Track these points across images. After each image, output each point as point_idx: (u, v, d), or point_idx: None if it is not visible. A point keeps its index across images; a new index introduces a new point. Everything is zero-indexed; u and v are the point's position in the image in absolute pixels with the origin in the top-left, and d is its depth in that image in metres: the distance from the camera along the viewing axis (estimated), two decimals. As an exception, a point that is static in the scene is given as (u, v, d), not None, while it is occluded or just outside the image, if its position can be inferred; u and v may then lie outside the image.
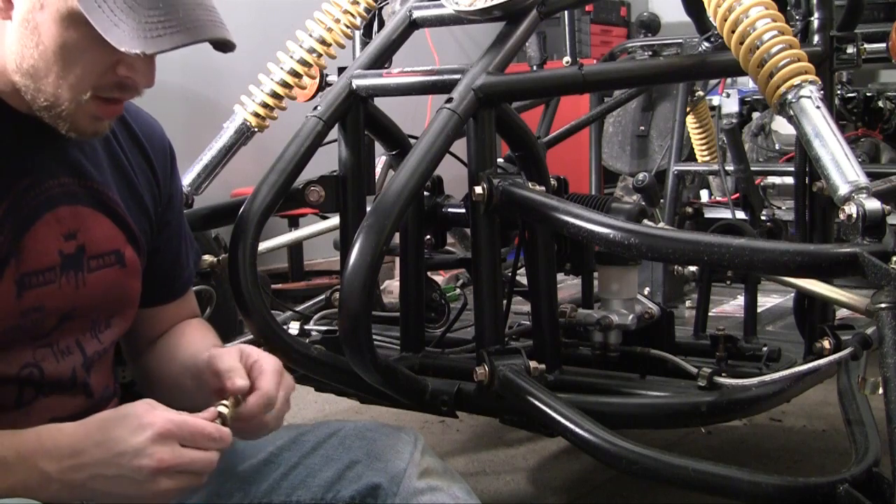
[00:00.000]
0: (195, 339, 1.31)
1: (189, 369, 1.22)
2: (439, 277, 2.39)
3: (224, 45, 1.07)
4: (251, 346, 1.20)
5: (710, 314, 1.99)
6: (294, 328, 1.93)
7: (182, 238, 1.35)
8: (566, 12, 3.11)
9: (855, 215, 1.24)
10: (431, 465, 1.22)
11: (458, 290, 2.23)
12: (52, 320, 1.13)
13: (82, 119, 1.08)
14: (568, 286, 2.22)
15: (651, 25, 3.41)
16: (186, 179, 1.80)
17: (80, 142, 1.15)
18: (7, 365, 1.09)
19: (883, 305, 1.15)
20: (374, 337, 1.48)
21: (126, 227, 1.21)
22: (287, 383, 1.15)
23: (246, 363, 1.14)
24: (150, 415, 1.00)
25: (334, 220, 2.03)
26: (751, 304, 1.92)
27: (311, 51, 1.77)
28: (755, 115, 3.52)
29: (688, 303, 2.36)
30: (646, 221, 1.63)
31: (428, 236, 1.83)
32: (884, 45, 2.35)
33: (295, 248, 4.14)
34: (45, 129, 1.09)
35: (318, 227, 2.29)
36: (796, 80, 1.36)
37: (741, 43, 1.39)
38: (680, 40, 2.86)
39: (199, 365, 1.18)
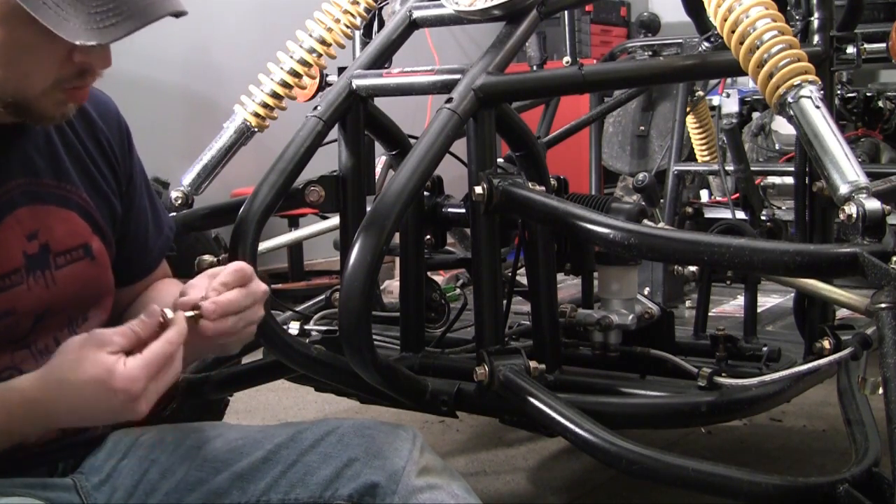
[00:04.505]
0: (163, 287, 1.32)
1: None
2: (439, 277, 2.39)
3: (178, 14, 1.04)
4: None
5: (710, 314, 1.98)
6: (294, 328, 1.92)
7: (147, 218, 1.34)
8: (566, 12, 3.11)
9: (855, 215, 1.24)
10: (430, 463, 1.22)
11: (458, 290, 2.23)
12: (28, 322, 1.13)
13: (50, 108, 1.07)
14: (568, 286, 2.21)
15: (651, 25, 3.41)
16: (186, 179, 1.80)
17: (35, 138, 1.15)
18: None
19: (883, 305, 1.15)
20: (374, 337, 1.48)
21: (91, 218, 1.21)
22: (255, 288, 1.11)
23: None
24: (112, 380, 0.97)
25: (334, 220, 2.03)
26: (751, 304, 1.92)
27: (311, 51, 1.77)
28: (755, 115, 3.52)
29: (688, 303, 2.36)
30: (646, 221, 1.63)
31: (428, 236, 1.83)
32: (884, 45, 2.34)
33: (295, 248, 4.14)
34: None
35: (318, 227, 2.29)
36: (796, 81, 1.36)
37: (741, 43, 1.39)
38: (680, 40, 2.86)
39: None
